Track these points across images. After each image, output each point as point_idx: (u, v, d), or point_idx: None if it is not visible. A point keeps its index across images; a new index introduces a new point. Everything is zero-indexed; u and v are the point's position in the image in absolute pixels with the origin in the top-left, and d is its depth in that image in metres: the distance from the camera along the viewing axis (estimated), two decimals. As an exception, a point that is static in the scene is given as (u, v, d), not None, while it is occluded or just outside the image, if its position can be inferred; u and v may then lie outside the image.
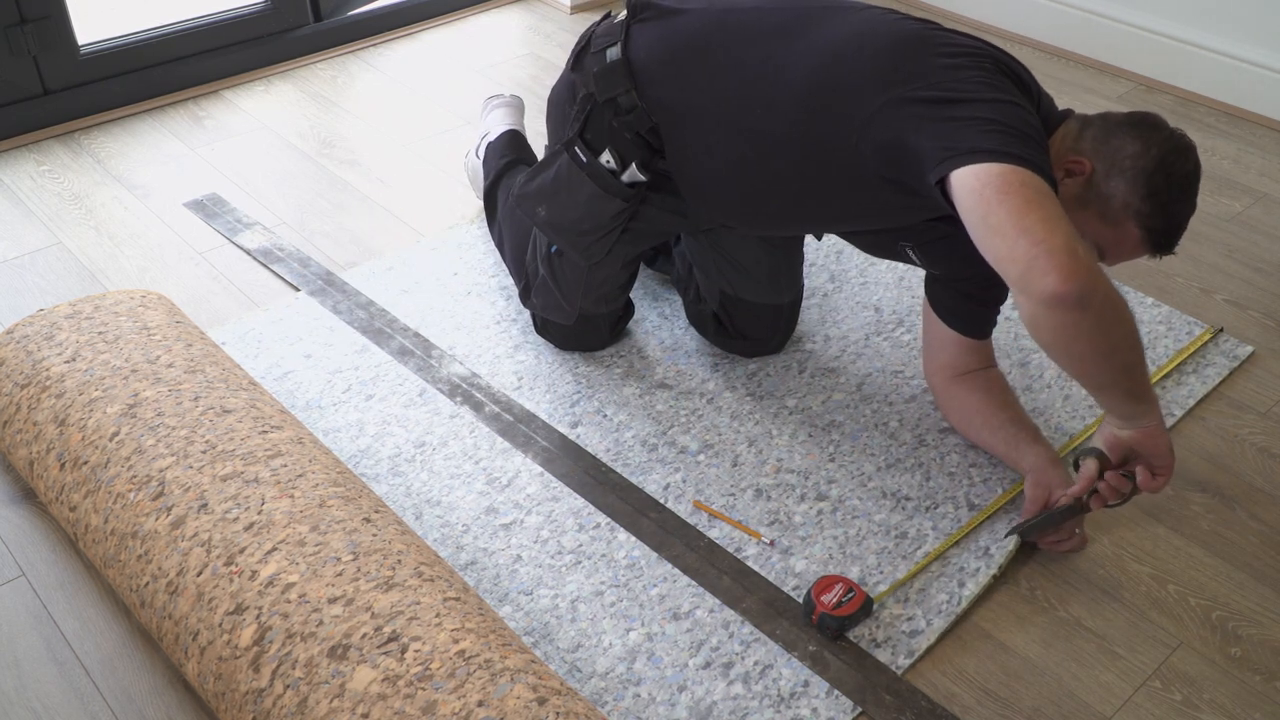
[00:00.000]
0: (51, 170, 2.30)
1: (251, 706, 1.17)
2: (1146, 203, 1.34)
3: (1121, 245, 1.39)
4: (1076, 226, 1.26)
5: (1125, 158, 1.35)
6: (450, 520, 1.55)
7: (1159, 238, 1.37)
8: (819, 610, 1.39)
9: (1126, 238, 1.37)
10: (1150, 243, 1.38)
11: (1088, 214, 1.37)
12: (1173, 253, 1.40)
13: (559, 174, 1.63)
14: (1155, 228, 1.36)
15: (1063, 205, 1.26)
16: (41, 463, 1.49)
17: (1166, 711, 1.33)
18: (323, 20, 2.77)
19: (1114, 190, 1.35)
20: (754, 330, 1.80)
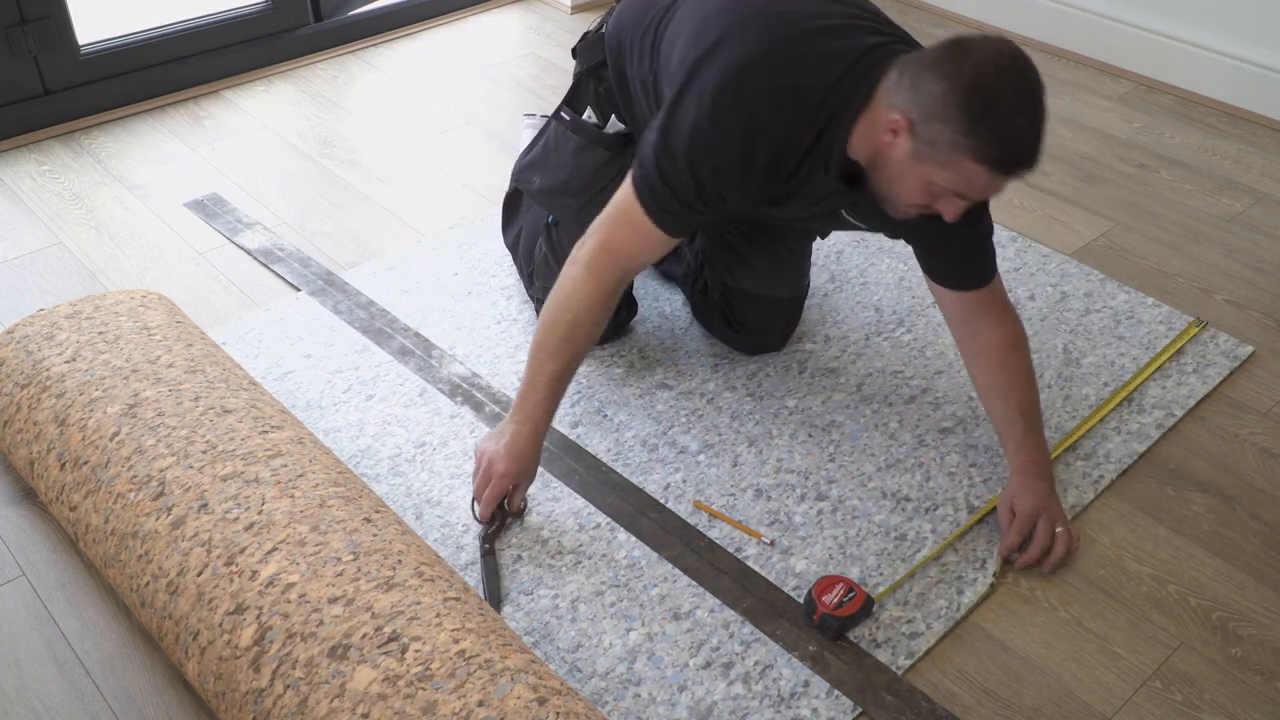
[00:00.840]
0: (52, 170, 2.30)
1: (252, 706, 1.17)
2: (971, 136, 1.25)
3: (972, 183, 1.30)
4: (916, 184, 1.33)
5: (934, 101, 1.27)
6: (450, 520, 1.55)
7: (1002, 164, 1.27)
8: (820, 610, 1.39)
9: (971, 175, 1.29)
10: (996, 171, 1.28)
11: (925, 166, 1.31)
12: (1031, 169, 1.29)
13: (548, 140, 1.74)
14: (992, 156, 1.26)
15: (896, 166, 1.33)
16: (42, 463, 1.49)
17: (1167, 712, 1.33)
18: (323, 20, 2.77)
19: (936, 135, 1.28)
20: (755, 323, 1.80)
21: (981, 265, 1.53)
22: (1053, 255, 2.09)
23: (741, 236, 1.74)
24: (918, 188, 1.34)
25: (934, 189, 1.33)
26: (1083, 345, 1.87)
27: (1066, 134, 2.52)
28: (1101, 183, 2.35)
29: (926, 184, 1.32)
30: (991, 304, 1.54)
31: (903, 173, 1.33)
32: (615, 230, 1.46)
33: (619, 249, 1.46)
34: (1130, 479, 1.64)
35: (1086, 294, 1.99)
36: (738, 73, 1.37)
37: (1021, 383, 1.55)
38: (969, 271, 1.53)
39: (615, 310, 1.81)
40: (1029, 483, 1.50)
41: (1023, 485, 1.51)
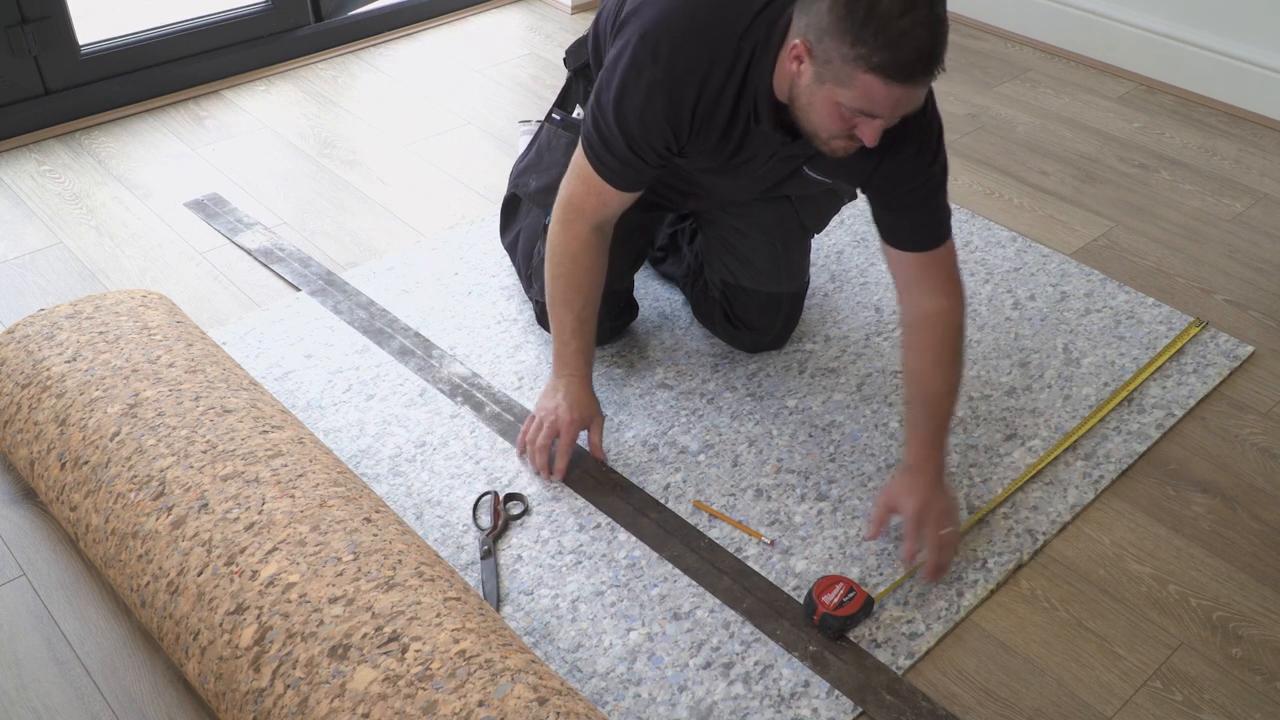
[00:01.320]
0: (52, 170, 2.30)
1: (252, 706, 1.17)
2: (858, 46, 1.22)
3: (874, 98, 1.26)
4: (825, 108, 1.31)
5: (823, 17, 1.25)
6: (451, 520, 1.55)
7: (894, 70, 1.23)
8: (820, 610, 1.39)
9: (870, 89, 1.25)
10: (890, 80, 1.24)
11: (827, 88, 1.29)
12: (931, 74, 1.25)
13: (541, 143, 1.79)
14: (883, 63, 1.22)
15: (805, 95, 1.33)
16: (42, 462, 1.49)
17: (1167, 712, 1.33)
18: (323, 20, 2.77)
19: (829, 54, 1.26)
20: (754, 319, 1.81)
21: (931, 227, 1.48)
22: (1053, 255, 2.09)
23: (739, 234, 1.75)
24: (828, 113, 1.31)
25: (843, 111, 1.30)
26: (1083, 345, 1.87)
27: (1066, 134, 2.52)
28: (1102, 183, 2.35)
29: (834, 107, 1.30)
30: (937, 272, 1.49)
31: (811, 100, 1.32)
32: (573, 187, 1.55)
33: (581, 204, 1.55)
34: (1130, 479, 1.64)
35: (1086, 294, 1.99)
36: (655, 26, 1.41)
37: (941, 373, 1.49)
38: (918, 230, 1.49)
39: (619, 313, 1.83)
40: (913, 482, 1.46)
41: (906, 485, 1.46)
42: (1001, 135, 2.51)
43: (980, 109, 2.62)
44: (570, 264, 1.57)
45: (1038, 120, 2.58)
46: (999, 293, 1.99)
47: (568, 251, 1.56)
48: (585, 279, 1.57)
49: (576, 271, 1.57)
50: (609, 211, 1.56)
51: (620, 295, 1.83)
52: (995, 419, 1.72)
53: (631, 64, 1.42)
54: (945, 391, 1.49)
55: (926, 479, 1.45)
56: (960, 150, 2.45)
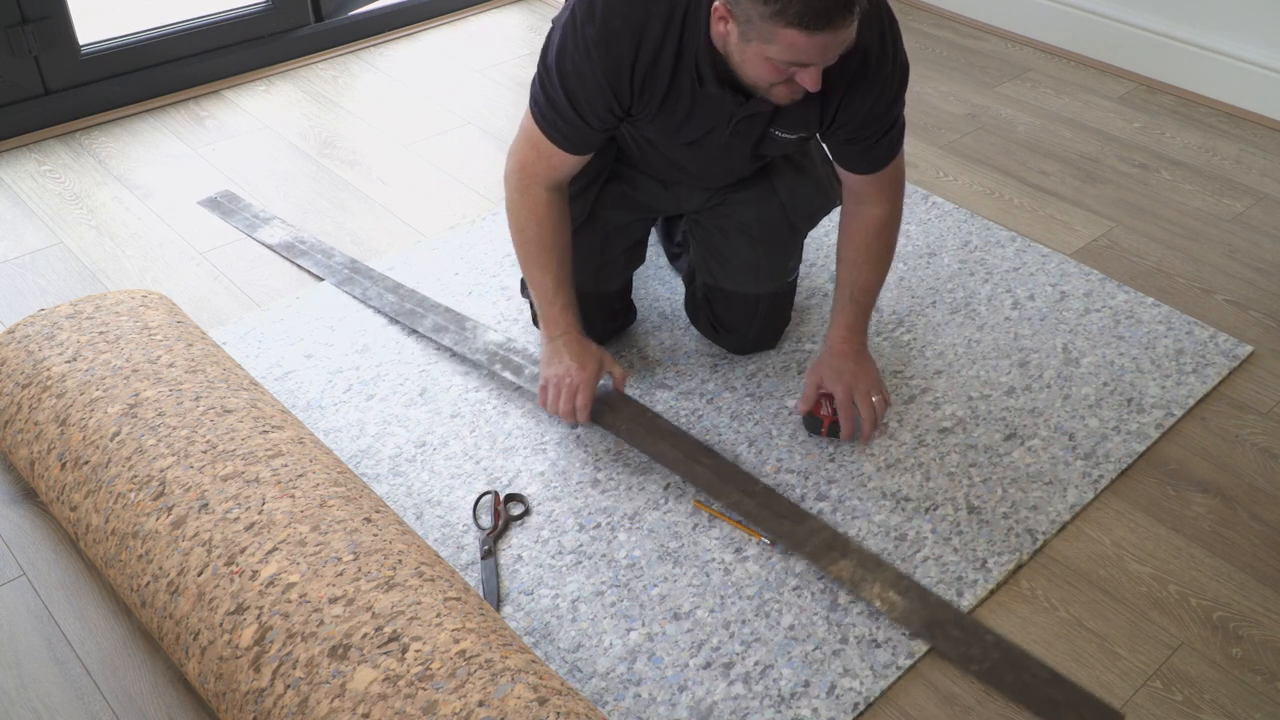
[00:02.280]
0: (52, 170, 2.30)
1: (252, 706, 1.17)
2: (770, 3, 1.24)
3: (799, 48, 1.28)
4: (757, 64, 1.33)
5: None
6: (451, 520, 1.55)
7: (811, 18, 1.24)
8: (826, 420, 1.62)
9: (793, 40, 1.27)
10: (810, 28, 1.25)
11: (754, 45, 1.31)
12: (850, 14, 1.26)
13: None
14: (798, 13, 1.24)
15: (737, 53, 1.35)
16: (42, 462, 1.49)
17: (1167, 712, 1.33)
18: (323, 20, 2.77)
19: (748, 13, 1.28)
20: (732, 320, 1.80)
21: (883, 154, 1.56)
22: (1052, 255, 2.09)
23: (720, 233, 1.74)
24: (762, 67, 1.34)
25: (774, 64, 1.32)
26: (1082, 345, 1.87)
27: (1066, 134, 2.52)
28: (1102, 183, 2.35)
29: (765, 61, 1.32)
30: (881, 186, 1.60)
31: (743, 56, 1.35)
32: (525, 152, 1.57)
33: (533, 168, 1.57)
34: (1130, 479, 1.64)
35: (1086, 294, 1.99)
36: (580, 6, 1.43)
37: (871, 265, 1.63)
38: (871, 159, 1.56)
39: (613, 315, 1.83)
40: (839, 364, 1.62)
41: (833, 368, 1.63)
42: (1001, 135, 2.51)
43: (980, 109, 2.62)
44: (536, 228, 1.59)
45: (1038, 120, 2.58)
46: (998, 292, 1.99)
47: (531, 216, 1.58)
48: (554, 239, 1.59)
49: (544, 233, 1.59)
50: (561, 174, 1.59)
51: (615, 297, 1.83)
52: (995, 418, 1.72)
53: (570, 23, 1.44)
54: (872, 283, 1.64)
55: (850, 360, 1.63)
56: (960, 150, 2.45)
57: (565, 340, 1.61)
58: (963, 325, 1.91)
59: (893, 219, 1.63)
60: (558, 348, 1.61)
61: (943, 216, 2.20)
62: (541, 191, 1.58)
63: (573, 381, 1.58)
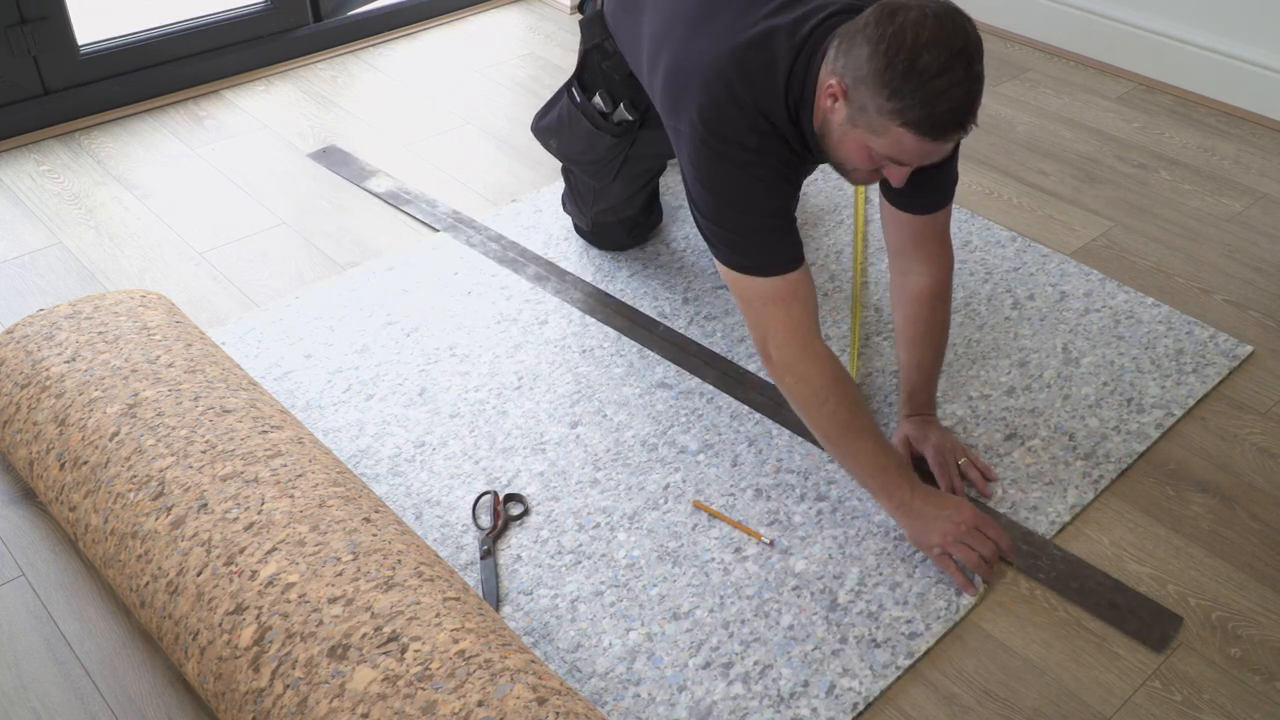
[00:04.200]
0: (51, 170, 2.30)
1: (251, 706, 1.17)
2: (895, 100, 1.26)
3: (903, 148, 1.31)
4: (855, 149, 1.36)
5: (861, 66, 1.28)
6: (450, 520, 1.55)
7: (928, 128, 1.27)
8: None
9: (901, 141, 1.30)
10: (923, 135, 1.28)
11: (859, 132, 1.33)
12: (964, 131, 1.30)
13: (561, 113, 1.85)
14: (916, 120, 1.26)
15: (837, 132, 1.37)
16: (41, 463, 1.49)
17: (1166, 712, 1.33)
18: (323, 20, 2.77)
19: (865, 101, 1.29)
20: None
21: (937, 191, 1.54)
22: (1052, 255, 2.09)
23: None
24: (858, 153, 1.37)
25: (873, 154, 1.35)
26: (1082, 345, 1.87)
27: (1066, 134, 2.52)
28: (1101, 183, 2.35)
29: (865, 149, 1.35)
30: (930, 238, 1.57)
31: (843, 139, 1.37)
32: (775, 316, 1.46)
33: (796, 323, 1.46)
34: (1130, 479, 1.64)
35: (1086, 294, 1.99)
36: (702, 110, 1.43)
37: (931, 337, 1.61)
38: (923, 194, 1.53)
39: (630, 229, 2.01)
40: (921, 430, 1.60)
41: (918, 432, 1.60)
42: (1001, 135, 2.51)
43: (980, 109, 2.61)
44: (839, 389, 1.45)
45: (1037, 120, 2.58)
46: (998, 292, 1.99)
47: (829, 380, 1.45)
48: (853, 395, 1.47)
49: (847, 392, 1.46)
50: (811, 303, 1.48)
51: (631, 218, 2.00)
52: (995, 418, 1.72)
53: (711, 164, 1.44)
54: (933, 359, 1.63)
55: (930, 424, 1.61)
56: (960, 150, 2.44)
57: (923, 494, 1.46)
58: (963, 325, 1.91)
59: (941, 288, 1.59)
60: (919, 508, 1.45)
61: (942, 216, 2.20)
62: (814, 346, 1.46)
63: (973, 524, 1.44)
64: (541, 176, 2.31)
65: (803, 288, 1.47)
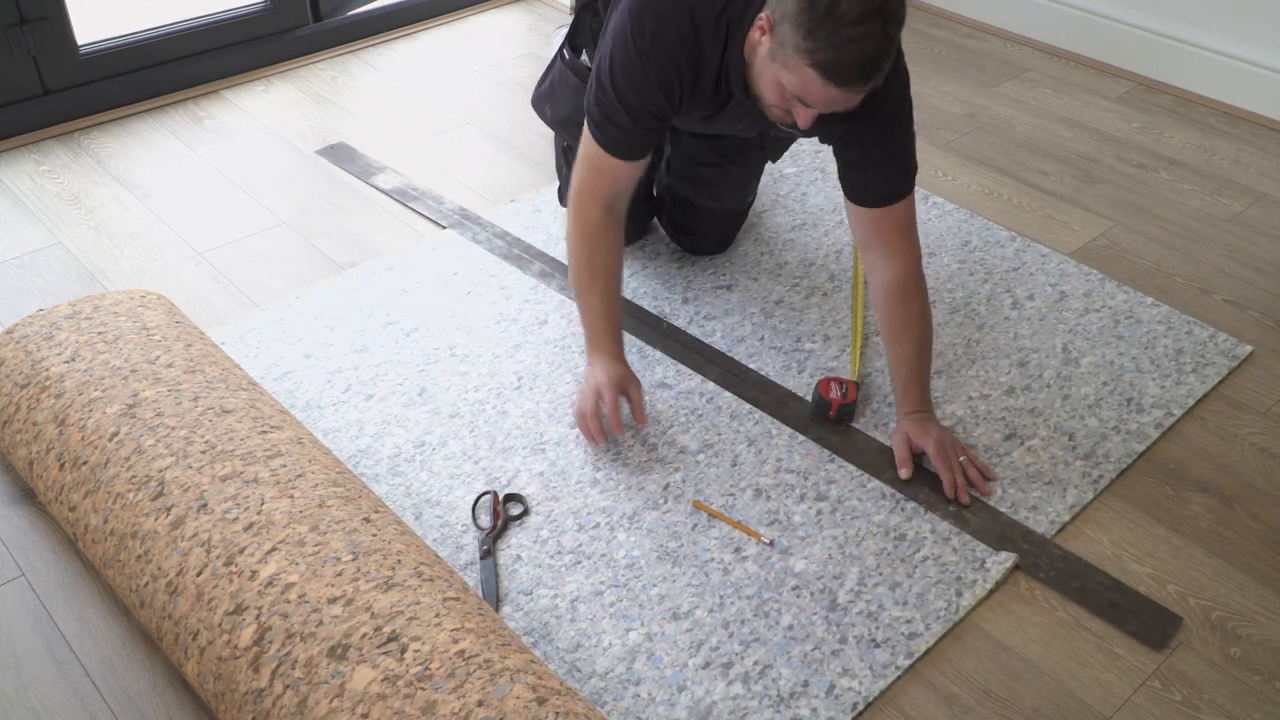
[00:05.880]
0: (51, 170, 2.30)
1: (251, 706, 1.17)
2: (808, 40, 1.30)
3: (809, 90, 1.35)
4: (770, 83, 1.42)
5: (789, 2, 1.32)
6: (450, 520, 1.55)
7: (834, 71, 1.31)
8: (836, 405, 1.66)
9: (808, 80, 1.34)
10: (826, 79, 1.32)
11: (775, 67, 1.39)
12: (867, 83, 1.33)
13: (554, 76, 1.90)
14: (825, 61, 1.30)
15: (758, 64, 1.44)
16: (41, 463, 1.49)
17: (1166, 711, 1.33)
18: (322, 20, 2.77)
19: (785, 37, 1.34)
20: (694, 227, 2.02)
21: (889, 183, 1.58)
22: (1052, 255, 2.09)
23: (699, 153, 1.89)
24: (772, 87, 1.42)
25: (784, 91, 1.40)
26: (1082, 345, 1.87)
27: (1066, 134, 2.52)
28: (1101, 183, 2.35)
29: (777, 85, 1.40)
30: (892, 230, 1.60)
31: (761, 70, 1.43)
32: (584, 172, 1.62)
33: (590, 187, 1.62)
34: (1129, 478, 1.64)
35: (1085, 294, 1.99)
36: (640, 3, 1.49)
37: (910, 330, 1.63)
38: (876, 186, 1.58)
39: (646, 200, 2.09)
40: (920, 427, 1.62)
41: (918, 429, 1.62)
42: (1000, 135, 2.51)
43: (979, 109, 2.62)
44: (587, 248, 1.63)
45: (1037, 120, 2.58)
46: (998, 292, 1.99)
47: (583, 236, 1.63)
48: (602, 260, 1.64)
49: (593, 255, 1.63)
50: (618, 188, 1.63)
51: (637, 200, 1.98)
52: (994, 418, 1.72)
53: (622, 36, 1.51)
54: (918, 351, 1.64)
55: (929, 421, 1.63)
56: (959, 150, 2.45)
57: (603, 361, 1.64)
58: (962, 325, 1.91)
59: (908, 281, 1.62)
60: (595, 366, 1.65)
61: (942, 216, 2.20)
62: (595, 209, 1.62)
63: (595, 395, 1.62)
64: (541, 177, 2.31)
65: (617, 170, 1.60)
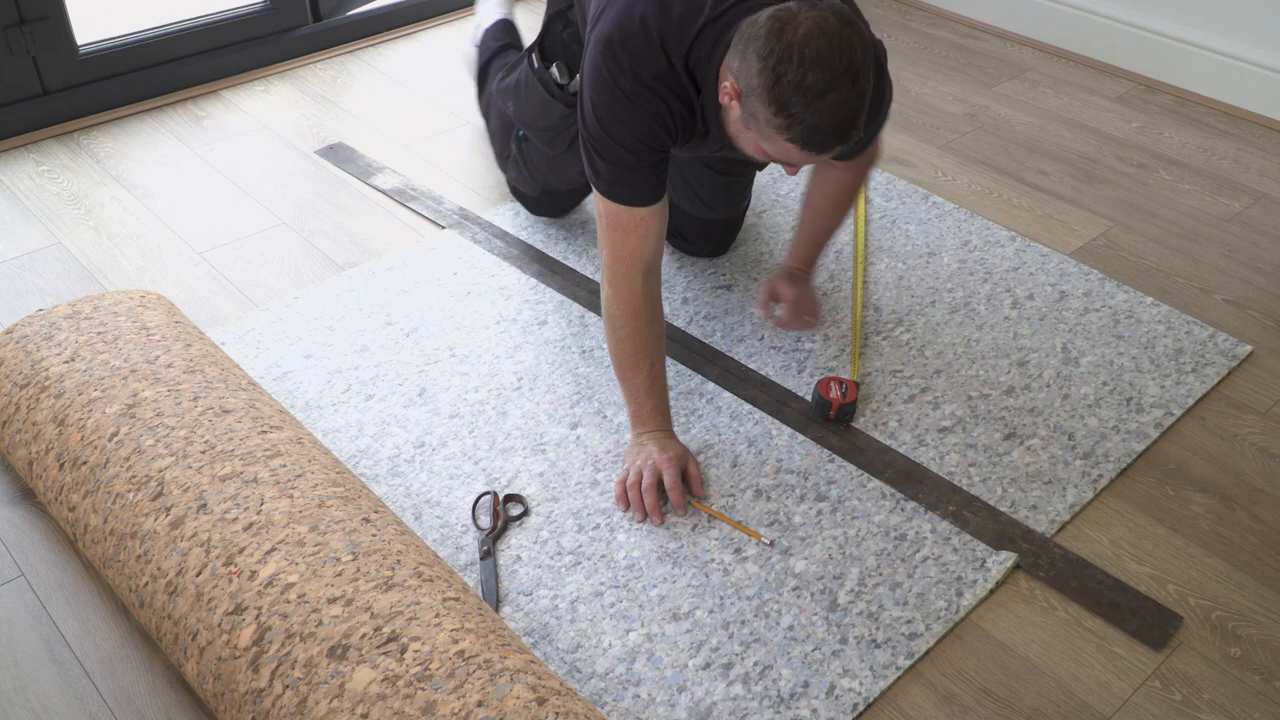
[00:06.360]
0: (51, 170, 2.30)
1: (251, 707, 1.17)
2: (780, 117, 1.31)
3: (790, 156, 1.38)
4: (750, 146, 1.43)
5: (752, 79, 1.32)
6: (450, 520, 1.54)
7: (810, 143, 1.33)
8: (835, 405, 1.67)
9: (788, 151, 1.36)
10: (805, 149, 1.34)
11: (752, 134, 1.39)
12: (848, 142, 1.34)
13: (520, 78, 1.89)
14: (802, 136, 1.32)
15: (733, 127, 1.43)
16: (40, 463, 1.49)
17: (1166, 711, 1.33)
18: (322, 20, 2.77)
19: (756, 111, 1.34)
20: (691, 234, 2.04)
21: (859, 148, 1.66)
22: (1051, 255, 2.09)
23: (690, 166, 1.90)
24: (753, 148, 1.43)
25: (765, 152, 1.41)
26: (1081, 344, 1.87)
27: (1066, 134, 2.52)
28: (1100, 182, 2.35)
29: (758, 148, 1.42)
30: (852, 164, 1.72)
31: (738, 134, 1.43)
32: (613, 238, 1.55)
33: (626, 251, 1.55)
34: (1129, 478, 1.64)
35: (1085, 293, 1.99)
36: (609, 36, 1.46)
37: (835, 215, 1.79)
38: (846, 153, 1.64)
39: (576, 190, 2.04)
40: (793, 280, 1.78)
41: (787, 280, 1.78)
42: (1000, 135, 2.51)
43: (979, 109, 2.62)
44: (631, 323, 1.56)
45: (1037, 120, 2.58)
46: (998, 292, 1.99)
47: (626, 311, 1.56)
48: (647, 335, 1.57)
49: (639, 330, 1.57)
50: (650, 245, 1.55)
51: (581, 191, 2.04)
52: (994, 418, 1.72)
53: (601, 81, 1.47)
54: (833, 228, 1.81)
55: (803, 281, 1.79)
56: (959, 150, 2.45)
57: (653, 436, 1.59)
58: (962, 325, 1.91)
59: (860, 181, 1.76)
60: (644, 442, 1.59)
61: (942, 216, 2.20)
62: (635, 280, 1.55)
63: (655, 465, 1.55)
64: (541, 176, 2.31)
65: (645, 223, 1.54)
